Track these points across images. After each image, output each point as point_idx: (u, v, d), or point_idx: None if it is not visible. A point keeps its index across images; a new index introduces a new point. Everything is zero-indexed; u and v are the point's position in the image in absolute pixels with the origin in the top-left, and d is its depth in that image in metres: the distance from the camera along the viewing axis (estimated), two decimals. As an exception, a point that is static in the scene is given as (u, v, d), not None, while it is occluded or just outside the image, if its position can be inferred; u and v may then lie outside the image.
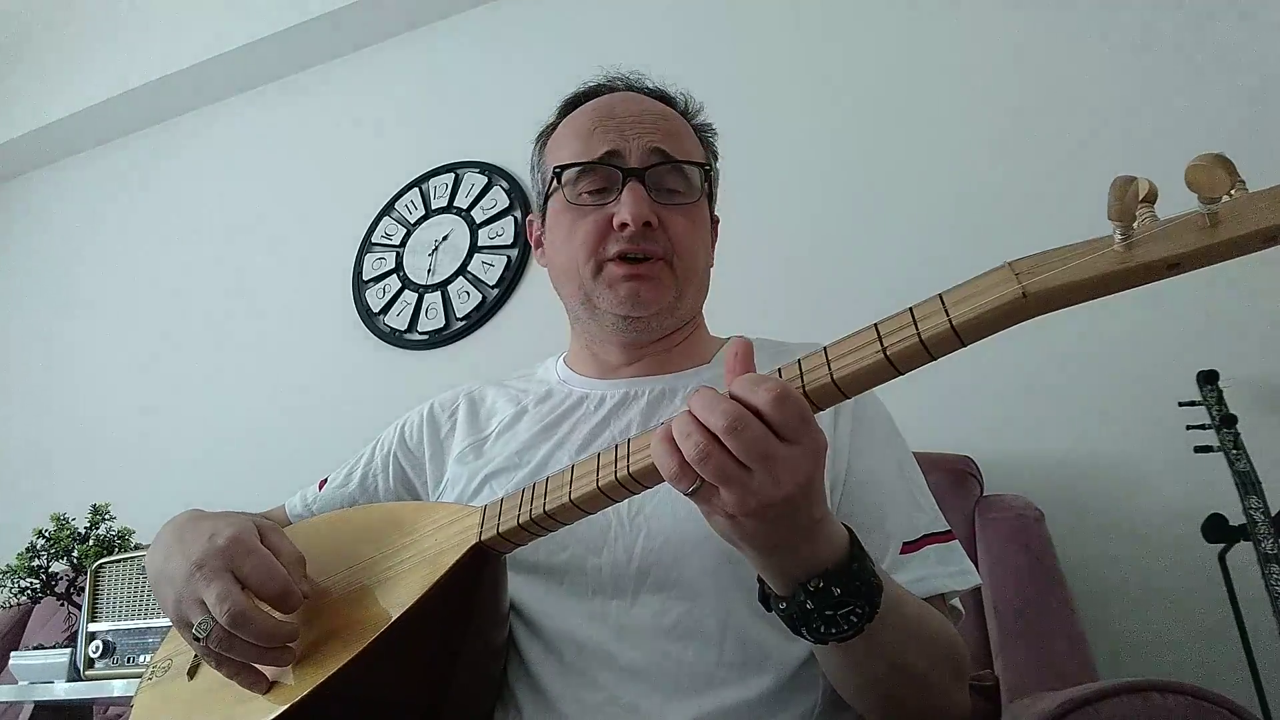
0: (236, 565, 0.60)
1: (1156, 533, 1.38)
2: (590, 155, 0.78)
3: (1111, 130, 1.60)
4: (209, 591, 0.58)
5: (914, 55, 1.83)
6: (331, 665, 0.58)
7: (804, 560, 0.52)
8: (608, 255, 0.77)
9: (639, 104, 0.82)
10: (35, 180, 3.04)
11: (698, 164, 0.81)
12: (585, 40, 2.21)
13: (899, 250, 1.71)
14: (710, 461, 0.47)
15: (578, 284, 0.80)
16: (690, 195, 0.80)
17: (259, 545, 0.62)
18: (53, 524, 1.57)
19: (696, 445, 0.47)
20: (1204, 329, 1.41)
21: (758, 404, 0.47)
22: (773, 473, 0.47)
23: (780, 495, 0.47)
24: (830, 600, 0.52)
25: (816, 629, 0.53)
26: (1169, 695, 0.62)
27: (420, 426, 0.89)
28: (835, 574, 0.52)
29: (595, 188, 0.79)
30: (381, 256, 2.30)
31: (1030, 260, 0.45)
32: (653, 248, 0.77)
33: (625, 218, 0.75)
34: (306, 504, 0.91)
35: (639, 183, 0.77)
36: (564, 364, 0.89)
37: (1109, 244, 0.43)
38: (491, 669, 0.70)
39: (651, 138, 0.78)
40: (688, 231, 0.79)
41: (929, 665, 0.62)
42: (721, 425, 0.46)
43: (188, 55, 2.60)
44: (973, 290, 0.46)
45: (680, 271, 0.79)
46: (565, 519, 0.60)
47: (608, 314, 0.79)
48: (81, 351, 2.68)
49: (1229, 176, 0.40)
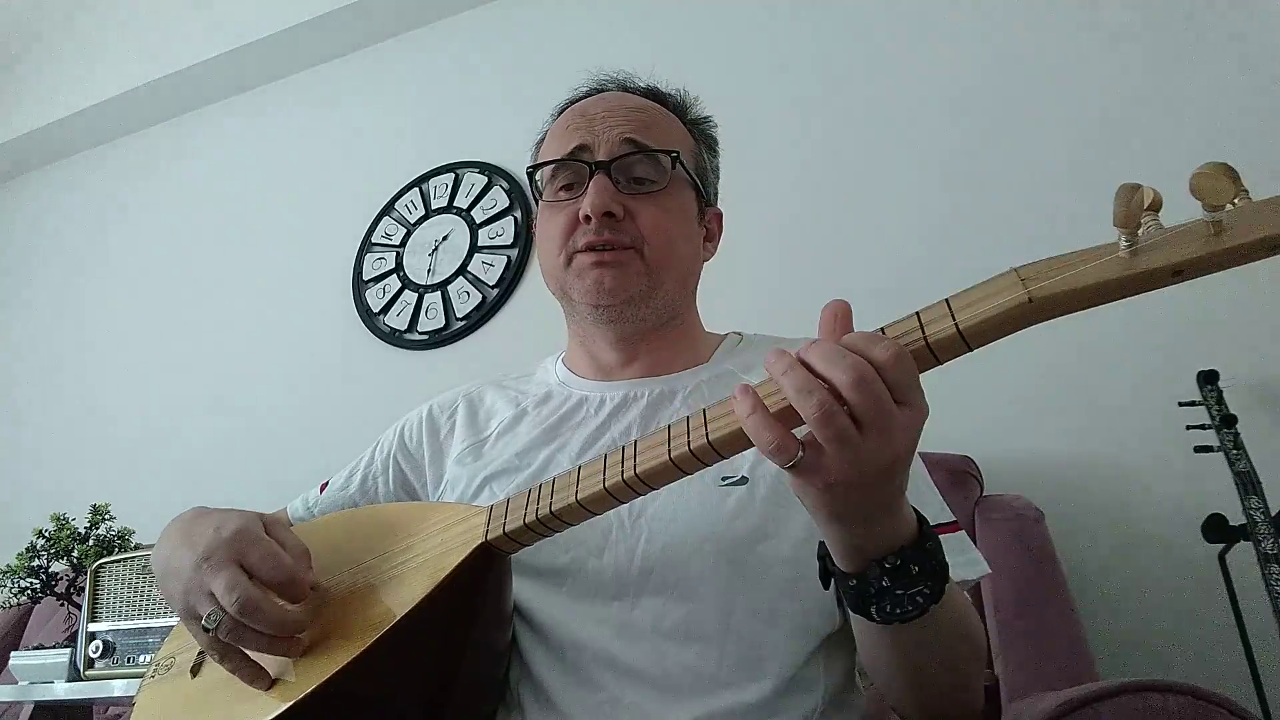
0: (243, 555, 0.60)
1: (1156, 533, 1.38)
2: (561, 153, 0.80)
3: (1109, 128, 1.60)
4: (217, 581, 0.59)
5: (917, 53, 1.83)
6: (336, 663, 0.58)
7: (883, 536, 0.52)
8: (577, 247, 0.78)
9: (619, 100, 0.82)
10: (33, 181, 3.04)
11: (665, 151, 0.80)
12: (585, 40, 2.21)
13: (897, 250, 1.71)
14: (835, 420, 0.45)
15: (556, 279, 0.81)
16: (661, 182, 0.79)
17: (265, 535, 0.63)
18: (53, 524, 1.56)
19: (821, 403, 0.45)
20: (1204, 329, 1.41)
21: (878, 359, 0.45)
22: (887, 433, 0.45)
23: (889, 458, 0.46)
24: (906, 578, 0.52)
25: (884, 608, 0.53)
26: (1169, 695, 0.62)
27: (419, 428, 0.89)
28: (912, 551, 0.52)
29: (566, 183, 0.80)
30: (381, 256, 2.30)
31: (1036, 266, 0.45)
32: (619, 238, 0.77)
33: (586, 209, 0.76)
34: (308, 507, 0.91)
35: (604, 174, 0.77)
36: (563, 365, 0.89)
37: (1114, 250, 0.43)
38: (494, 670, 0.70)
39: (622, 129, 0.78)
40: (657, 219, 0.78)
41: (970, 652, 0.63)
42: (848, 379, 0.44)
43: (187, 56, 2.61)
44: (979, 295, 0.46)
45: (652, 260, 0.78)
46: (572, 519, 0.60)
47: (581, 304, 0.79)
48: (81, 352, 2.68)
49: (1233, 185, 0.41)
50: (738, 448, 0.52)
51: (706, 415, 0.53)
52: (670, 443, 0.54)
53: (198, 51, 2.59)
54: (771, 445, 0.47)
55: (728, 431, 0.51)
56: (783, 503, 0.70)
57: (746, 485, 0.71)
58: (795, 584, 0.68)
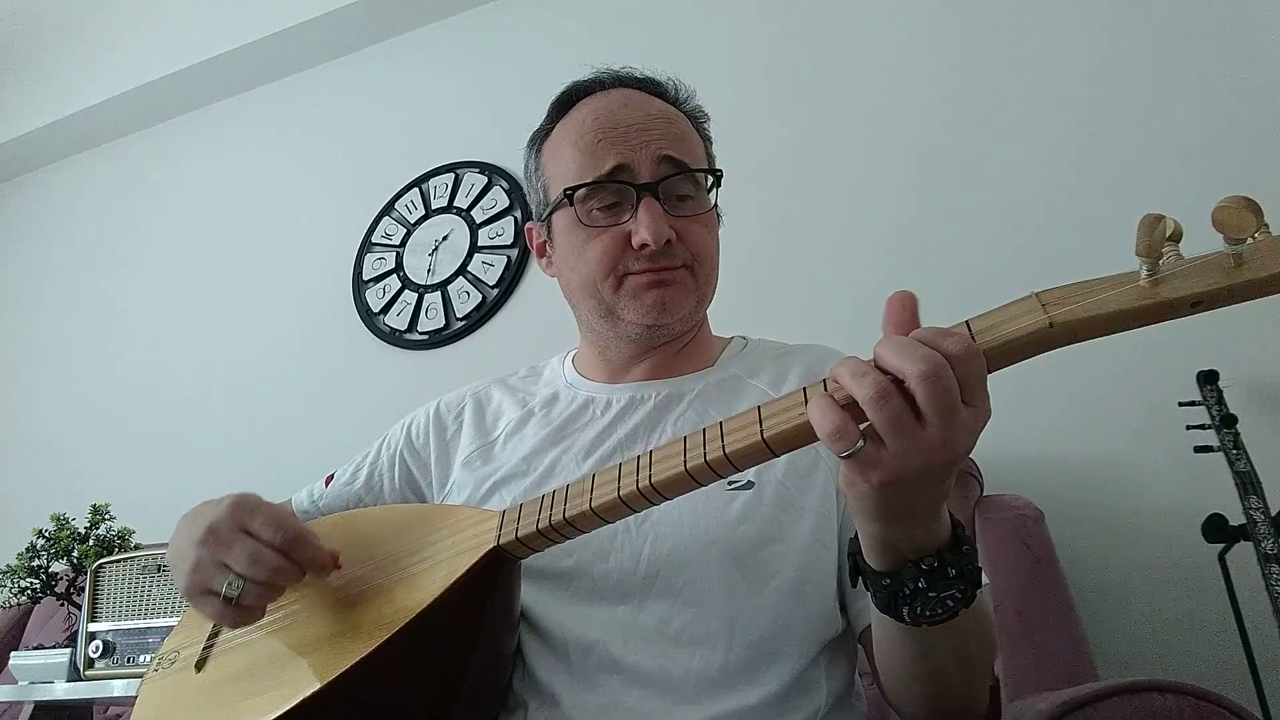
0: (246, 524, 0.62)
1: (1156, 533, 1.38)
2: (598, 170, 0.76)
3: (1110, 127, 1.60)
4: (232, 553, 0.61)
5: (916, 52, 1.83)
6: (344, 662, 0.58)
7: (922, 536, 0.51)
8: (630, 270, 0.77)
9: (641, 108, 0.80)
10: (33, 181, 3.04)
11: (708, 170, 0.81)
12: (586, 40, 2.21)
13: (897, 251, 1.71)
14: (890, 404, 0.44)
15: (597, 300, 0.79)
16: (703, 202, 0.80)
17: (264, 502, 0.65)
18: (53, 524, 1.56)
19: (876, 382, 0.45)
20: (1204, 329, 1.40)
21: (951, 352, 0.45)
22: (950, 429, 0.45)
23: (947, 457, 0.45)
24: (942, 580, 0.52)
25: (916, 609, 0.53)
26: (1169, 695, 0.62)
27: (426, 427, 0.89)
28: (950, 554, 0.52)
29: (607, 204, 0.77)
30: (381, 256, 2.30)
31: (1057, 292, 0.46)
32: (673, 261, 0.76)
33: (646, 238, 0.74)
34: (314, 500, 0.91)
35: (653, 198, 0.75)
36: (571, 365, 0.89)
37: (1135, 279, 0.44)
38: (500, 673, 0.71)
39: (659, 145, 0.77)
40: (703, 239, 0.79)
41: (987, 654, 0.63)
42: (919, 370, 0.44)
43: (186, 56, 2.60)
44: (999, 318, 0.47)
45: (701, 278, 0.79)
46: (584, 526, 0.60)
47: (633, 325, 0.78)
48: (82, 352, 2.67)
49: (1255, 219, 0.41)
50: (754, 461, 0.53)
51: (724, 428, 0.53)
52: (686, 454, 0.54)
53: (195, 52, 2.58)
54: (833, 426, 0.46)
55: (744, 445, 0.51)
56: (788, 508, 0.71)
57: (753, 490, 0.71)
58: (800, 588, 0.68)
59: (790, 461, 0.72)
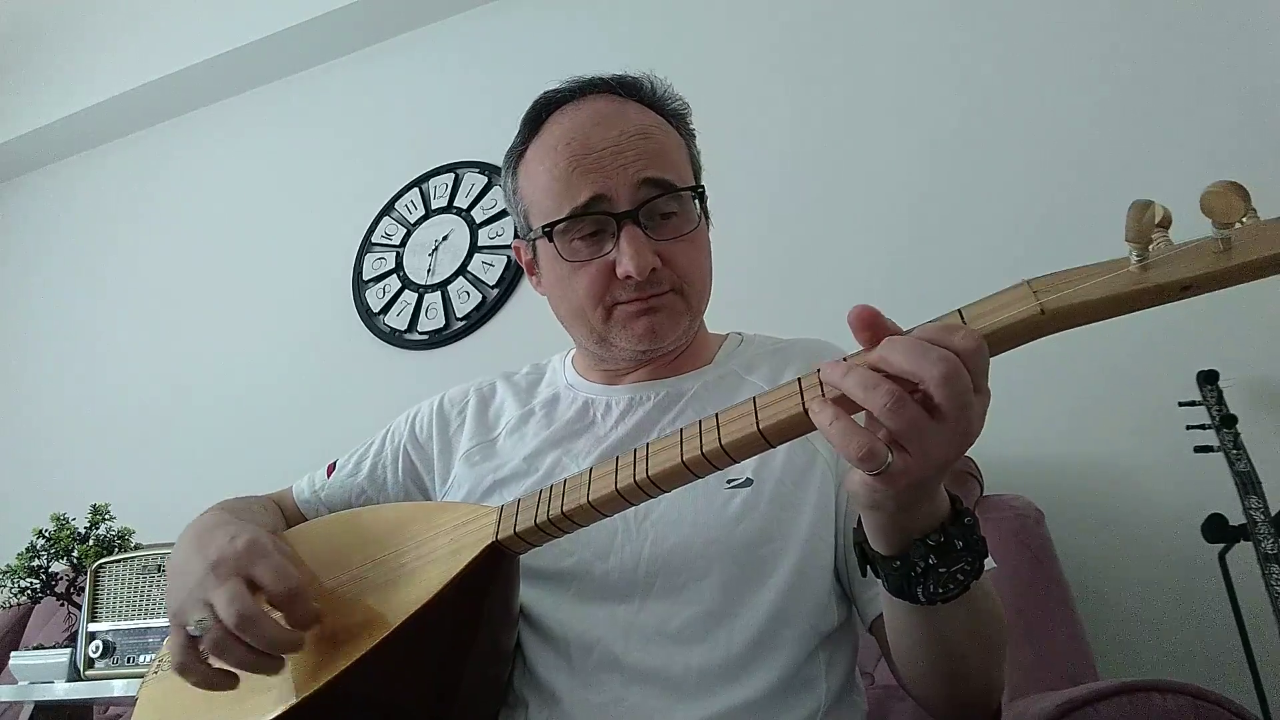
0: (250, 568, 0.60)
1: (1156, 533, 1.38)
2: (574, 202, 0.73)
3: (1108, 125, 1.60)
4: (218, 593, 0.58)
5: (914, 51, 1.83)
6: (344, 661, 0.59)
7: (926, 514, 0.52)
8: (617, 300, 0.75)
9: (615, 125, 0.75)
10: (32, 181, 3.04)
11: (690, 188, 0.77)
12: (586, 40, 2.21)
13: (896, 249, 1.71)
14: (906, 411, 0.44)
15: (588, 328, 0.78)
16: (689, 218, 0.76)
17: (274, 550, 0.62)
18: (53, 524, 1.56)
19: (891, 391, 0.44)
20: (1204, 329, 1.41)
21: (962, 349, 0.45)
22: (965, 421, 0.45)
23: (964, 445, 0.46)
24: (950, 554, 0.52)
25: (929, 587, 0.53)
26: (1169, 695, 0.63)
27: (430, 421, 0.89)
28: (953, 527, 0.52)
29: (587, 233, 0.74)
30: (381, 256, 2.30)
31: (1048, 279, 0.46)
32: (660, 288, 0.75)
33: (629, 270, 0.71)
34: (315, 489, 0.91)
35: (635, 225, 0.72)
36: (571, 366, 0.89)
37: (1125, 265, 0.44)
38: (499, 670, 0.71)
39: (637, 168, 0.73)
40: (692, 259, 0.77)
41: (999, 633, 0.63)
42: (939, 373, 0.43)
43: (186, 56, 2.60)
44: (991, 306, 0.47)
45: (692, 298, 0.78)
46: (582, 520, 0.60)
47: (625, 350, 0.78)
48: (82, 351, 2.67)
49: (1243, 203, 0.42)
50: (750, 452, 0.53)
51: (719, 420, 0.53)
52: (683, 445, 0.54)
53: (195, 52, 2.58)
54: (862, 451, 0.45)
55: (740, 436, 0.51)
56: (787, 505, 0.71)
57: (751, 487, 0.71)
58: (800, 585, 0.69)
59: (788, 458, 0.73)
